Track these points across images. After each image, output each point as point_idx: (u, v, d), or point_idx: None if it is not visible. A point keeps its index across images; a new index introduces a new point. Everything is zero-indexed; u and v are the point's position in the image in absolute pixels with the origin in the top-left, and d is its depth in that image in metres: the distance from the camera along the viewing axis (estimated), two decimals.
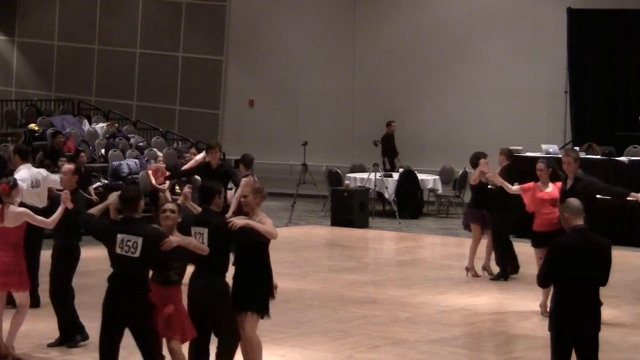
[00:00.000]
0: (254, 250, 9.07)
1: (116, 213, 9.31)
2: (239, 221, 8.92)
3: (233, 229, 8.82)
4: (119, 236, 8.54)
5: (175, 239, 8.58)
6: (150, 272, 8.86)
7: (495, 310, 13.73)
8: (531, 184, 13.64)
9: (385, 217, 23.31)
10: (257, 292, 9.10)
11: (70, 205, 10.61)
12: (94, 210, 9.14)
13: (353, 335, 11.91)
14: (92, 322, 11.51)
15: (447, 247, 19.64)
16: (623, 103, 23.50)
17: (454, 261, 16.85)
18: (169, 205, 9.07)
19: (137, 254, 8.49)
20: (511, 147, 20.12)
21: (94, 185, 21.55)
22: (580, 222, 8.17)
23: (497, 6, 25.42)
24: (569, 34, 23.78)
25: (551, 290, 8.39)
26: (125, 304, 8.52)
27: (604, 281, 8.16)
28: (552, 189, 13.46)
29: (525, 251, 17.54)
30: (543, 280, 8.29)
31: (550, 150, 20.50)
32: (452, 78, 25.74)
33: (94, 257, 17.59)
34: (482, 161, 15.45)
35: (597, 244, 8.17)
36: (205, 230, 8.90)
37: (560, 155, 20.69)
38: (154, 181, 21.83)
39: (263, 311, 9.11)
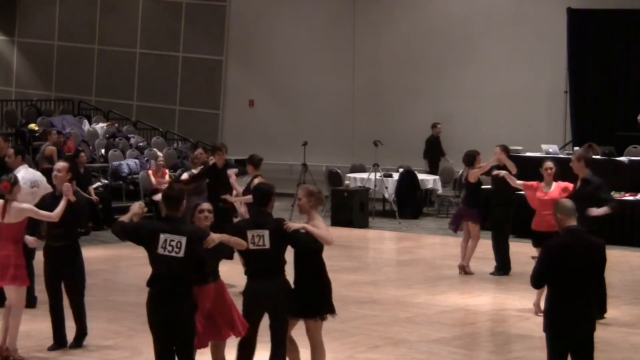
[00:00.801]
0: (308, 255, 9.13)
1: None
2: (294, 224, 8.99)
3: (288, 231, 8.90)
4: (162, 236, 8.33)
5: (217, 236, 8.54)
6: None
7: (495, 310, 13.74)
8: (535, 182, 13.70)
9: (385, 217, 23.32)
10: (316, 298, 9.21)
11: (72, 198, 10.67)
12: (124, 219, 8.82)
13: (353, 335, 11.91)
14: (91, 323, 11.51)
15: (447, 247, 19.63)
16: (623, 103, 23.50)
17: (454, 261, 16.83)
18: (206, 205, 9.09)
19: (181, 254, 8.30)
20: (511, 147, 20.18)
21: (94, 185, 21.58)
22: (573, 222, 8.18)
23: (497, 6, 25.42)
24: (569, 34, 23.79)
25: (545, 290, 8.40)
26: (172, 306, 8.31)
27: (597, 281, 8.19)
28: (553, 189, 13.48)
29: (524, 251, 17.54)
30: (536, 281, 8.28)
31: (550, 150, 20.51)
32: (452, 78, 25.74)
33: (94, 257, 17.61)
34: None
35: (591, 244, 8.18)
36: (266, 232, 8.90)
37: (560, 155, 20.76)
38: (154, 181, 21.86)
39: (324, 313, 9.28)
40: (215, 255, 8.70)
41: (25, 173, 13.10)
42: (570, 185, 13.23)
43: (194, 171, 16.07)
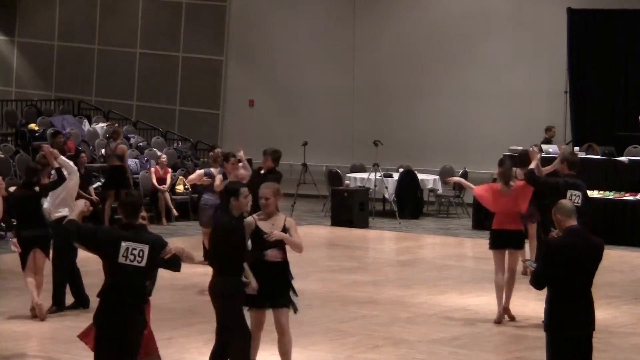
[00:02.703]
0: None
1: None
2: (277, 233, 9.18)
3: (270, 240, 9.12)
4: (124, 244, 7.79)
5: (174, 247, 8.17)
6: None
7: (495, 311, 13.71)
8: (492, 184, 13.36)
9: (385, 217, 23.31)
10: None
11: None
12: (74, 217, 8.15)
13: (353, 335, 11.91)
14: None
15: (447, 247, 19.63)
16: (623, 103, 23.49)
17: (454, 261, 16.85)
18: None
19: (143, 263, 7.80)
20: (511, 147, 20.19)
21: (94, 185, 21.57)
22: (574, 222, 8.16)
23: (497, 6, 25.41)
24: (569, 34, 23.78)
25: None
26: (128, 319, 7.79)
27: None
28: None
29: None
30: (538, 282, 8.20)
31: (551, 150, 20.48)
32: (452, 78, 25.74)
33: (94, 257, 17.62)
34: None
35: (592, 243, 8.18)
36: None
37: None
38: (155, 181, 21.85)
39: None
40: (168, 267, 8.13)
41: None
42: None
43: (212, 170, 16.05)
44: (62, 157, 13.02)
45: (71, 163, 13.04)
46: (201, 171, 16.06)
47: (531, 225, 15.14)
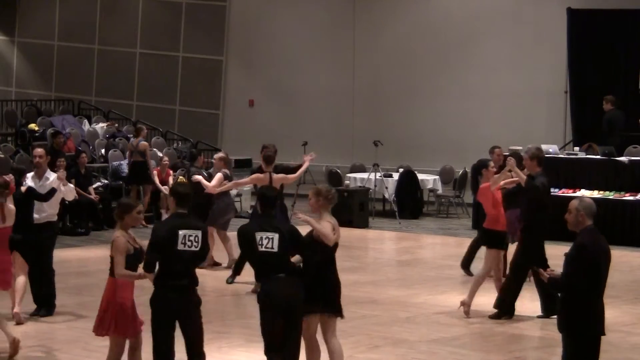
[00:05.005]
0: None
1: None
2: (303, 216, 9.35)
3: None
4: (181, 232, 8.59)
5: None
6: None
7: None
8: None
9: (385, 217, 23.31)
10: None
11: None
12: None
13: (353, 335, 11.90)
14: (91, 322, 11.52)
15: (447, 247, 19.63)
16: (623, 103, 23.46)
17: (454, 261, 16.83)
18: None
19: (198, 248, 8.67)
20: (511, 147, 20.17)
21: (94, 185, 21.60)
22: (591, 222, 8.05)
23: (497, 6, 25.41)
24: (569, 34, 23.78)
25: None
26: (186, 300, 8.66)
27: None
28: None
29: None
30: (566, 286, 8.00)
31: (550, 150, 20.50)
32: (452, 78, 25.74)
33: (93, 257, 17.63)
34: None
35: (607, 245, 8.11)
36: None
37: (560, 155, 20.76)
38: (157, 181, 21.85)
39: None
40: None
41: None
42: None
43: (227, 171, 16.12)
44: (70, 186, 12.98)
45: (74, 191, 13.11)
46: (220, 175, 15.97)
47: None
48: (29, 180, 12.63)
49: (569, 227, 8.16)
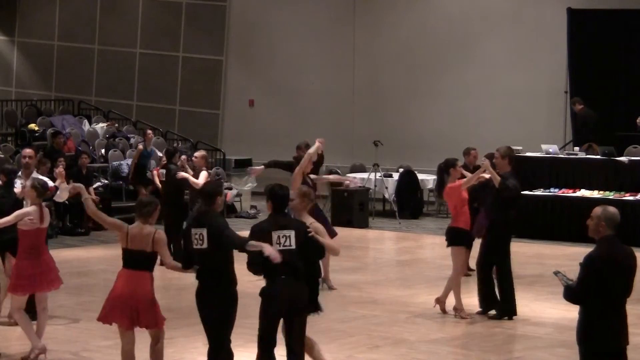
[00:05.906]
0: None
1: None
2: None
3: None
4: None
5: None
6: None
7: (493, 310, 13.70)
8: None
9: (385, 217, 23.31)
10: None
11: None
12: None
13: (353, 335, 11.91)
14: (92, 322, 11.52)
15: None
16: (623, 103, 23.49)
17: None
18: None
19: (204, 245, 8.74)
20: (511, 147, 20.13)
21: (94, 185, 21.60)
22: (612, 231, 7.79)
23: (497, 6, 25.41)
24: (569, 34, 23.78)
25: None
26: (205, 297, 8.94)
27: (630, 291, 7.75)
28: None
29: (523, 251, 17.58)
30: (579, 297, 7.67)
31: (550, 150, 20.51)
32: (452, 78, 25.74)
33: (93, 257, 17.63)
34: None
35: (628, 253, 7.82)
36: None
37: (560, 155, 20.77)
38: (157, 181, 21.85)
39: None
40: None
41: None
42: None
43: (206, 170, 16.11)
44: (66, 186, 12.95)
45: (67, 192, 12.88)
46: (206, 172, 16.00)
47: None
48: (17, 180, 12.64)
49: (589, 233, 7.91)
